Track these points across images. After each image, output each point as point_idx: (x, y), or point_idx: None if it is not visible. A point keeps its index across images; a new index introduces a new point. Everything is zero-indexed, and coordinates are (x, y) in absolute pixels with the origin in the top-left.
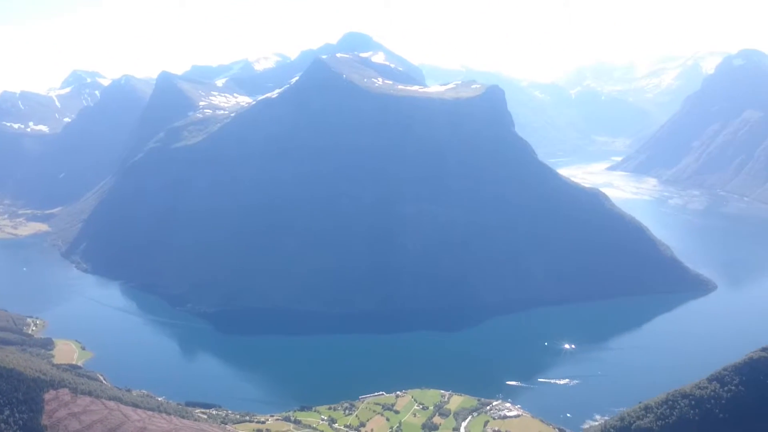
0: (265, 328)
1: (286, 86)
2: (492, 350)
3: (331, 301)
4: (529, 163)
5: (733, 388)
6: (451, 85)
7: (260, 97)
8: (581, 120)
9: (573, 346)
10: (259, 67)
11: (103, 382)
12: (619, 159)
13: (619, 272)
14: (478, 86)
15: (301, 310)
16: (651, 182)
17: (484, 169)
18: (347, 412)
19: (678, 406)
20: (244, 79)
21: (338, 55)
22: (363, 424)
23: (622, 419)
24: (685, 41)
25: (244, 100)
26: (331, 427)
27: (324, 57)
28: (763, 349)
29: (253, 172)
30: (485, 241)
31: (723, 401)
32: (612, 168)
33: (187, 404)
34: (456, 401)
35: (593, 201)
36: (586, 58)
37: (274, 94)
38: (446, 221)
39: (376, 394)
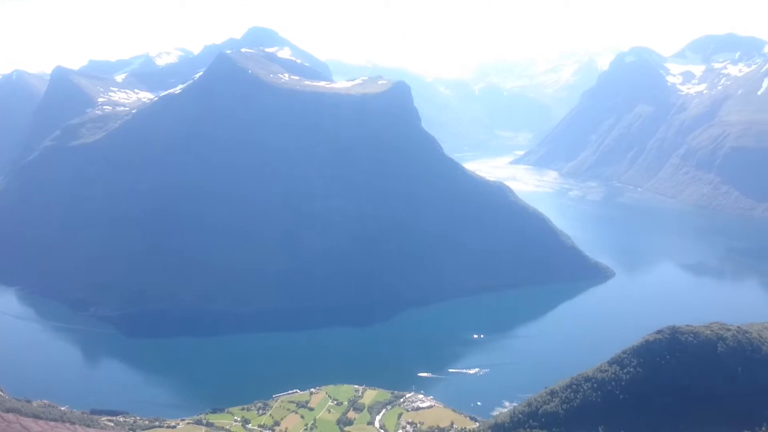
0: (174, 329)
1: (189, 82)
2: (404, 343)
3: (241, 300)
4: (436, 157)
5: (631, 370)
6: (357, 81)
7: (163, 93)
8: (485, 115)
9: (482, 335)
10: (160, 62)
11: (0, 393)
12: (521, 153)
13: (524, 262)
14: (384, 82)
15: (210, 310)
16: (552, 175)
17: (392, 164)
18: (261, 411)
19: (581, 390)
20: (145, 75)
21: (243, 50)
22: (277, 423)
23: (529, 404)
24: (582, 38)
25: (146, 96)
26: (244, 428)
27: (228, 52)
28: (658, 332)
29: (157, 170)
30: (396, 236)
31: (623, 383)
32: (515, 162)
33: (93, 412)
34: (370, 395)
35: (498, 194)
36: (488, 55)
37: (178, 89)
38: (356, 217)
39: (290, 392)
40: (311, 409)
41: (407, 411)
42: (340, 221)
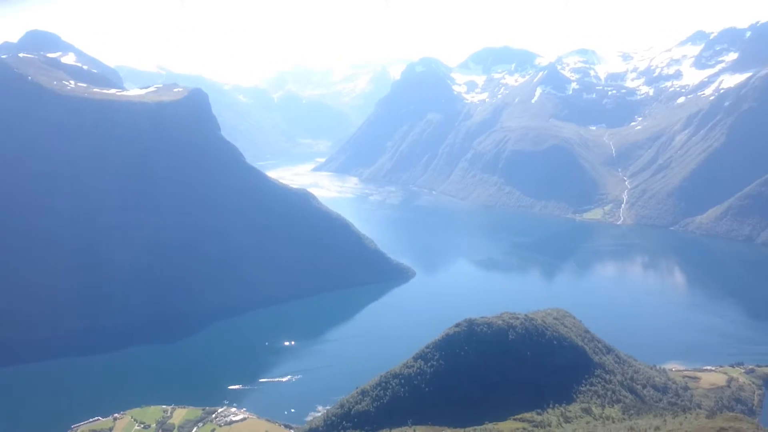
0: None
1: None
2: (213, 357)
3: (30, 326)
4: (238, 165)
5: (434, 363)
6: (152, 89)
7: None
8: (285, 123)
9: (293, 342)
10: None
11: None
12: (322, 160)
13: (330, 267)
14: (180, 89)
15: None
16: (353, 181)
17: (192, 174)
18: None
19: (390, 387)
20: None
21: (21, 54)
22: None
23: (342, 406)
24: (375, 49)
25: None
26: None
27: (3, 57)
28: (457, 325)
29: None
30: (200, 247)
31: (428, 376)
32: (317, 169)
33: None
34: (180, 414)
35: (302, 201)
36: (285, 64)
37: None
38: (157, 229)
39: (90, 420)
40: None
41: (220, 426)
42: (139, 234)
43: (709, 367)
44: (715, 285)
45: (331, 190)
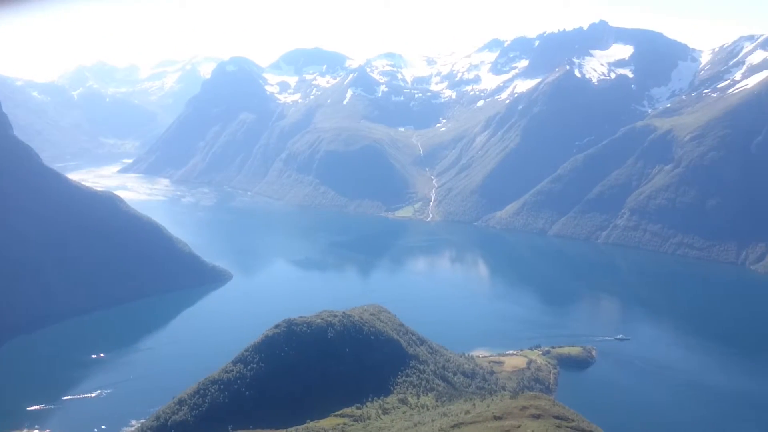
0: None
1: None
2: (10, 376)
3: None
4: (33, 168)
5: (254, 366)
6: None
7: None
8: (87, 122)
9: (102, 354)
10: None
11: None
12: (130, 161)
13: (142, 273)
14: None
15: None
16: (164, 182)
17: None
18: None
19: (209, 393)
20: None
21: None
22: None
23: (158, 418)
24: (183, 46)
25: None
26: None
27: None
28: (276, 326)
29: None
30: None
31: (248, 380)
32: (124, 170)
33: None
34: None
35: (108, 205)
36: (85, 59)
37: None
38: None
39: None
40: None
41: None
42: None
43: (511, 352)
44: (514, 275)
45: (141, 193)
